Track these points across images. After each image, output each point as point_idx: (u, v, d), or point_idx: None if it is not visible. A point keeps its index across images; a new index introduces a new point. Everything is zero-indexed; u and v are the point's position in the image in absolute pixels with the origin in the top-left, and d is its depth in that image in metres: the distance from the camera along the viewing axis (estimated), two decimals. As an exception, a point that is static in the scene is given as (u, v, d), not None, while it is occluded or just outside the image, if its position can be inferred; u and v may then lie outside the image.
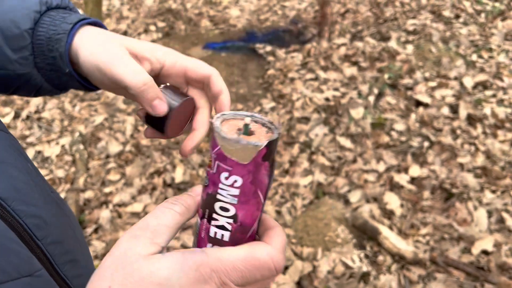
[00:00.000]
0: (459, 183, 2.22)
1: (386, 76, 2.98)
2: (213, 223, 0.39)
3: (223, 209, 0.38)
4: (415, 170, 2.31)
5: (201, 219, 0.40)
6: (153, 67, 0.51)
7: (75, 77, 0.53)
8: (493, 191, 2.18)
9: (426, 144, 2.47)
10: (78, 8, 4.35)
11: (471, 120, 2.60)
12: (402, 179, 2.27)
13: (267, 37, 3.78)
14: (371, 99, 2.80)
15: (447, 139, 2.48)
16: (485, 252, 1.91)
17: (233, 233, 0.39)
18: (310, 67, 3.21)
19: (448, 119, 2.63)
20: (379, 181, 2.29)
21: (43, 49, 0.52)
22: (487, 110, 2.64)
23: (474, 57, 3.14)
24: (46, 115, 3.04)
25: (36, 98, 3.18)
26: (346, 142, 2.53)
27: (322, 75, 3.10)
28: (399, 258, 1.92)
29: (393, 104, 2.77)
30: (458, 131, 2.53)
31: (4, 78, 0.53)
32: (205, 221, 0.39)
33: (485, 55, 3.16)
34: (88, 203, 2.35)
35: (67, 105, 3.13)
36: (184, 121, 0.52)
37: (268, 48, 3.56)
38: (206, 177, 0.39)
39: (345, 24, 3.73)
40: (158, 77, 0.52)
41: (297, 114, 2.77)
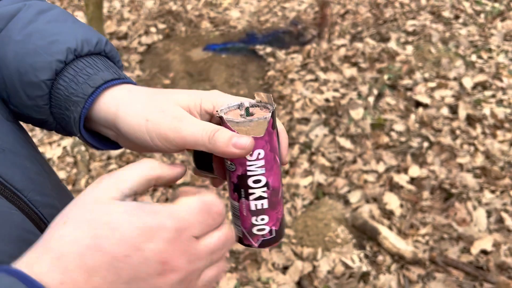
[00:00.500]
0: (459, 183, 2.22)
1: (385, 77, 2.99)
2: (251, 197, 0.44)
3: (256, 181, 0.43)
4: (415, 171, 2.32)
5: (239, 200, 0.45)
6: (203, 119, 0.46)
7: (87, 141, 0.49)
8: (492, 191, 2.19)
9: (426, 144, 2.48)
10: (79, 12, 4.36)
11: (471, 120, 2.61)
12: (401, 179, 2.28)
13: (267, 39, 3.80)
14: (371, 99, 2.82)
15: (447, 140, 2.49)
16: (484, 252, 1.92)
17: (269, 199, 0.44)
18: (310, 68, 3.22)
19: (447, 119, 2.64)
20: (378, 182, 2.30)
21: (60, 103, 0.47)
22: (486, 111, 2.65)
23: (474, 57, 3.15)
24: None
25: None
26: (346, 143, 2.54)
27: (322, 76, 3.11)
28: (398, 258, 1.93)
29: (392, 105, 2.79)
30: (458, 132, 2.54)
31: (23, 115, 0.51)
32: (243, 200, 0.44)
33: (485, 55, 3.17)
34: (89, 204, 2.36)
35: (68, 107, 3.15)
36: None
37: (268, 50, 3.58)
38: (231, 164, 0.43)
39: (345, 25, 3.75)
40: None
41: (297, 115, 2.78)
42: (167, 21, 4.11)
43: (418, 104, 2.78)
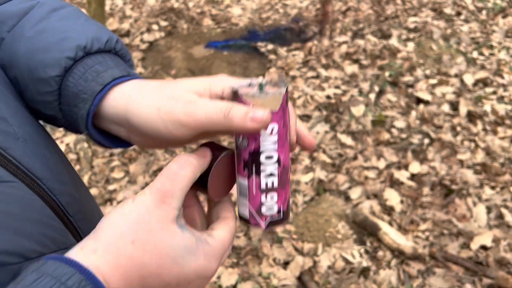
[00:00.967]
0: (459, 179, 2.24)
1: (387, 74, 3.00)
2: (262, 174, 0.44)
3: (268, 157, 0.43)
4: (415, 167, 2.34)
5: (249, 178, 0.44)
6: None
7: (95, 139, 0.49)
8: (493, 187, 2.20)
9: (426, 141, 2.49)
10: (81, 9, 4.37)
11: (471, 117, 2.62)
12: (402, 175, 2.29)
13: (269, 36, 3.81)
14: (372, 96, 2.83)
15: (447, 136, 2.50)
16: (484, 247, 1.94)
17: (279, 177, 0.44)
18: (311, 65, 3.23)
19: (448, 116, 2.65)
20: (379, 178, 2.31)
21: (69, 100, 0.47)
22: (487, 107, 2.66)
23: (475, 54, 3.15)
24: (51, 114, 3.08)
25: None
26: (347, 140, 2.56)
27: (323, 73, 3.12)
28: (398, 253, 1.94)
29: (393, 102, 2.79)
30: (458, 128, 2.55)
31: (33, 110, 0.51)
32: (253, 177, 0.44)
33: (486, 52, 3.17)
34: (92, 200, 2.38)
35: (71, 104, 3.17)
36: (230, 182, 0.48)
37: (270, 47, 3.58)
38: (243, 140, 0.43)
39: (346, 22, 3.75)
40: None
41: (298, 112, 2.79)
42: (169, 18, 4.13)
43: (419, 100, 2.79)
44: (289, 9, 4.15)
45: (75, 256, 0.36)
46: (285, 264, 1.95)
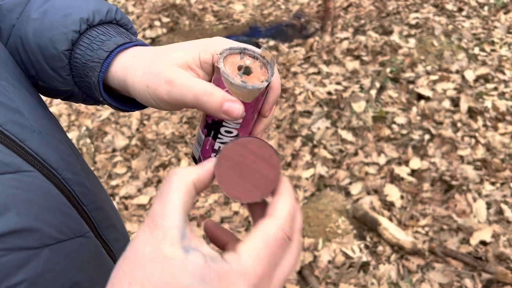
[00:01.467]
0: (459, 175, 2.25)
1: (388, 70, 3.00)
2: (218, 140, 0.45)
3: (228, 132, 0.45)
4: (416, 163, 2.35)
5: (206, 136, 0.46)
6: (206, 71, 0.45)
7: (111, 104, 0.52)
8: (493, 183, 2.21)
9: (427, 137, 2.50)
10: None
11: (472, 113, 2.62)
12: (402, 171, 2.30)
13: (270, 32, 3.81)
14: (373, 92, 2.83)
15: (448, 132, 2.50)
16: (483, 243, 1.95)
17: None
18: (312, 61, 3.24)
19: (449, 112, 2.66)
20: (379, 174, 2.32)
21: (79, 72, 0.50)
22: (488, 103, 2.66)
23: (476, 50, 3.15)
24: (54, 110, 3.09)
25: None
26: (347, 136, 2.57)
27: (325, 69, 3.13)
28: (398, 248, 1.96)
29: (394, 98, 2.80)
30: (459, 124, 2.56)
31: (51, 89, 0.55)
32: (210, 138, 0.46)
33: (487, 48, 3.17)
34: (95, 195, 2.40)
35: (73, 100, 3.19)
36: (256, 179, 0.39)
37: (271, 43, 3.59)
38: None
39: (348, 18, 3.75)
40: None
41: (299, 108, 2.80)
42: (171, 14, 4.13)
43: (420, 97, 2.79)
44: (291, 5, 4.15)
45: None
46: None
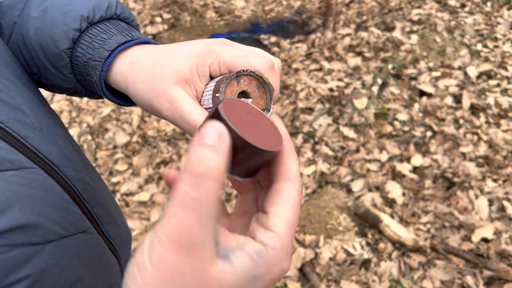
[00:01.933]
0: (461, 172, 2.24)
1: (390, 66, 2.99)
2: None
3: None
4: (418, 160, 2.34)
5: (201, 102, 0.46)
6: (202, 85, 0.46)
7: (114, 101, 0.52)
8: (495, 180, 2.20)
9: (429, 133, 2.49)
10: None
11: (474, 109, 2.61)
12: (404, 168, 2.30)
13: (272, 28, 3.80)
14: (375, 89, 2.82)
15: (450, 129, 2.49)
16: (485, 240, 1.94)
17: None
18: (314, 57, 3.23)
19: (451, 109, 2.64)
20: (381, 171, 2.32)
21: (81, 70, 0.50)
22: (490, 100, 2.65)
23: (479, 46, 3.13)
24: (55, 106, 3.09)
25: (43, 91, 3.24)
26: (349, 132, 2.56)
27: (326, 65, 3.11)
28: (399, 245, 1.95)
29: (396, 94, 2.79)
30: (461, 121, 2.55)
31: (55, 86, 0.55)
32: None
33: (490, 44, 3.15)
34: (96, 192, 2.40)
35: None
36: (264, 133, 0.33)
37: (273, 39, 3.58)
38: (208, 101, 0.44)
39: (350, 14, 3.73)
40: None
41: (301, 105, 2.79)
42: (172, 11, 4.12)
43: (422, 93, 2.78)
44: (292, 1, 4.13)
45: None
46: (287, 256, 1.97)
